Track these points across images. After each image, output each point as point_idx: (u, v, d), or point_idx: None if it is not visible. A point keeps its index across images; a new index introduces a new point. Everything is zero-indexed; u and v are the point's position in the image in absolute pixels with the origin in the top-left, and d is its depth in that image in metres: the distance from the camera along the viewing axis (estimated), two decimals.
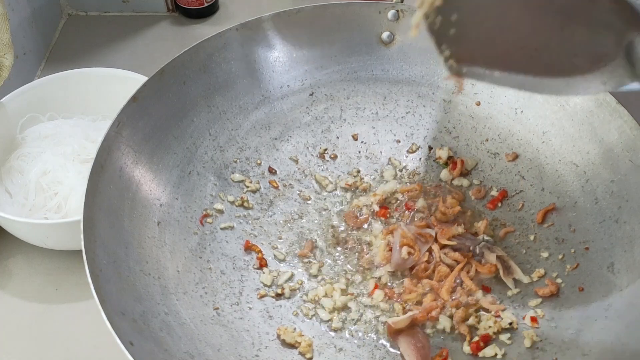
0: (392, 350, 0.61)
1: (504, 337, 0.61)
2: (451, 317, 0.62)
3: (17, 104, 0.77)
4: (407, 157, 0.74)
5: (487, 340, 0.60)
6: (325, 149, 0.74)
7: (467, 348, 0.60)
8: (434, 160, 0.74)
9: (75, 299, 0.69)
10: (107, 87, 0.79)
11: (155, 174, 0.65)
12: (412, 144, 0.75)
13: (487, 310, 0.62)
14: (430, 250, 0.66)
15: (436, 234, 0.66)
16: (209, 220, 0.67)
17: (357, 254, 0.67)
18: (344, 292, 0.64)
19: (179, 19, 1.03)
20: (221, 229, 0.67)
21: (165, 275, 0.60)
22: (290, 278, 0.66)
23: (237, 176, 0.71)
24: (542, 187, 0.69)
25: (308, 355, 0.60)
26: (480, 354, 0.59)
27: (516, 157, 0.71)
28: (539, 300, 0.62)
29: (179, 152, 0.68)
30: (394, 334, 0.61)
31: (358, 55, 0.75)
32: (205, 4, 1.01)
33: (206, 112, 0.70)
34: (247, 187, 0.71)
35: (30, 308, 0.69)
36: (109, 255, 0.56)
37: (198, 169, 0.69)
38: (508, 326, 0.61)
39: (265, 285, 0.64)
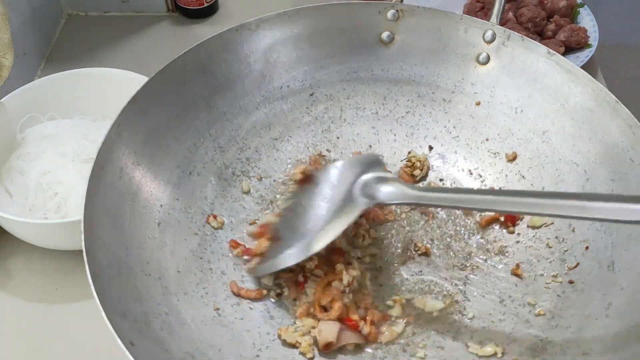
0: (392, 349, 0.61)
1: None
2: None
3: (17, 104, 0.77)
4: (407, 157, 0.74)
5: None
6: (326, 149, 0.74)
7: None
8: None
9: (75, 299, 0.69)
10: (107, 87, 0.79)
11: (155, 174, 0.65)
12: (412, 143, 0.75)
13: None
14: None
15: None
16: (212, 222, 0.67)
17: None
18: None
19: (179, 19, 1.03)
20: (222, 229, 0.67)
21: (166, 276, 0.60)
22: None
23: (238, 176, 0.71)
24: (542, 186, 0.69)
25: (309, 355, 0.60)
26: (481, 353, 0.59)
27: (516, 156, 0.71)
28: (540, 299, 0.62)
29: (179, 153, 0.68)
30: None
31: (358, 55, 0.75)
32: (205, 4, 1.01)
33: (206, 112, 0.70)
34: (248, 187, 0.71)
35: (30, 308, 0.69)
36: (110, 256, 0.56)
37: (198, 169, 0.69)
38: None
39: (266, 285, 0.64)
